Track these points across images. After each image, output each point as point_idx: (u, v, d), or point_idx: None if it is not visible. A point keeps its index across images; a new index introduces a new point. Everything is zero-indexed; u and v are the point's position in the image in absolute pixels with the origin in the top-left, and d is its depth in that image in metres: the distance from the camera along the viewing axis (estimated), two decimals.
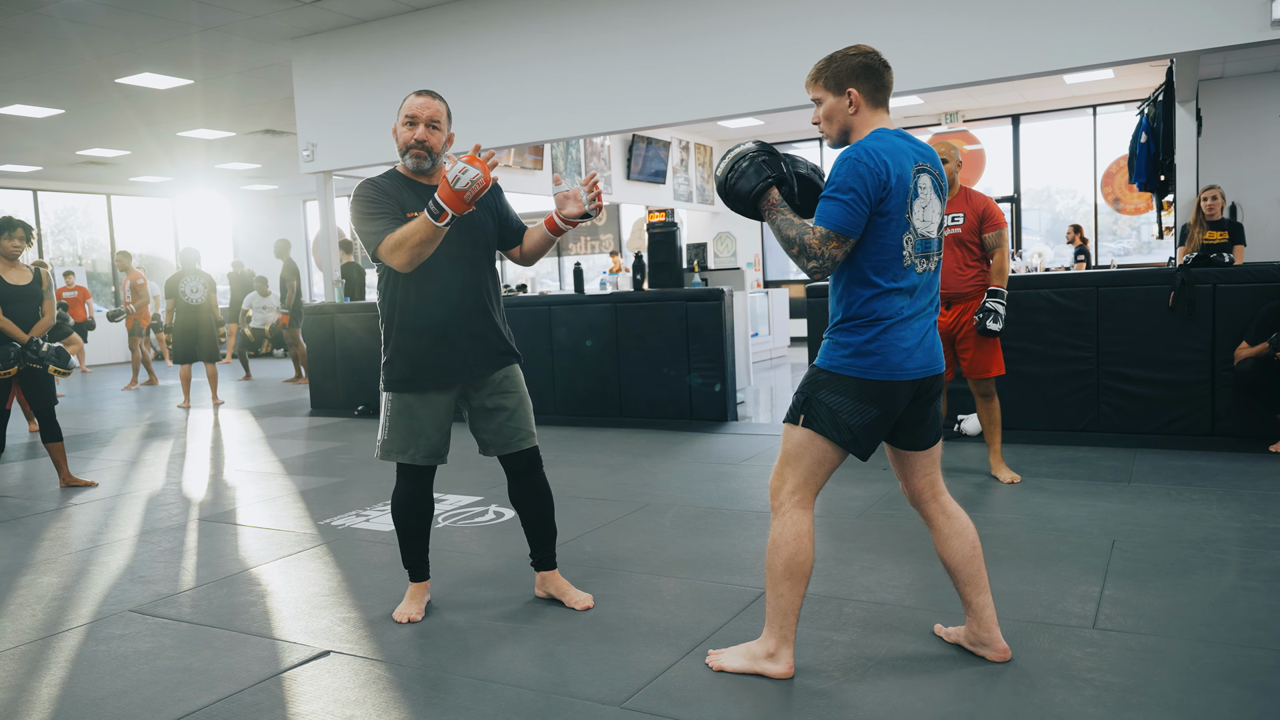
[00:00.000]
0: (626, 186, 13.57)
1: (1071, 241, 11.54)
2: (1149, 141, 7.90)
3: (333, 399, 8.22)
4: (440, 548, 3.78)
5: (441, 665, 2.58)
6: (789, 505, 2.36)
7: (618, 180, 13.38)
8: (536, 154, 11.99)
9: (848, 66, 2.38)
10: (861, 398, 2.29)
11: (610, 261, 13.99)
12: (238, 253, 18.20)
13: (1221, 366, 5.06)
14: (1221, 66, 10.48)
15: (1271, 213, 9.85)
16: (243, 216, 18.15)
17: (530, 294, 8.22)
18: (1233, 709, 2.13)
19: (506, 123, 7.58)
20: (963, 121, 12.99)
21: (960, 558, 2.44)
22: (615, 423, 6.83)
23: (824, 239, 2.26)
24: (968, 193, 4.42)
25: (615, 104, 7.08)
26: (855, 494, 4.38)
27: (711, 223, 15.35)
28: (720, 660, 2.47)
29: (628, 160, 13.34)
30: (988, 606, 2.44)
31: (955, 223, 4.39)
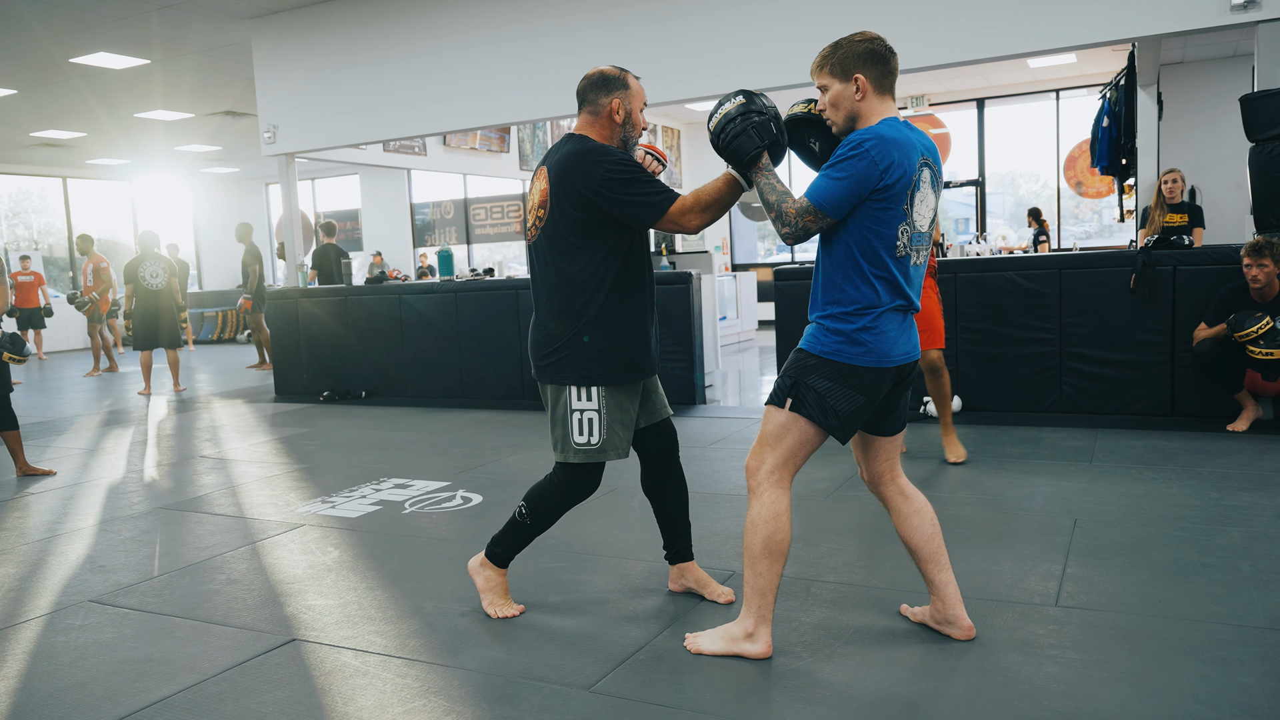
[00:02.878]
0: None
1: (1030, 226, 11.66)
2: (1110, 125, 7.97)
3: (298, 385, 8.13)
4: (407, 534, 3.76)
5: (409, 651, 2.57)
6: (767, 485, 2.37)
7: None
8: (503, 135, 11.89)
9: (854, 52, 2.39)
10: (850, 384, 2.30)
11: None
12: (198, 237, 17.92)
13: (1181, 347, 5.14)
14: (1182, 51, 10.61)
15: (1230, 196, 10.00)
16: (203, 200, 17.85)
17: (498, 278, 8.15)
18: (1192, 683, 2.17)
19: (472, 104, 7.50)
20: (928, 105, 13.05)
21: (920, 536, 2.46)
22: None
23: (801, 211, 2.27)
24: None
25: None
26: (822, 475, 4.40)
27: None
28: (698, 643, 2.47)
29: None
30: (950, 584, 2.47)
31: None
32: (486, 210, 15.35)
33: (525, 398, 7.10)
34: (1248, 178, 5.03)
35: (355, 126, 8.07)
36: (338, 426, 6.58)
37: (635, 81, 2.85)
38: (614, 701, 2.22)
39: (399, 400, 7.59)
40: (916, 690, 2.21)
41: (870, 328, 2.28)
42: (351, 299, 7.91)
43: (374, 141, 8.57)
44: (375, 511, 4.12)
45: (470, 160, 11.85)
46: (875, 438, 2.49)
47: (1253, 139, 5.00)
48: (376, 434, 6.20)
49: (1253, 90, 5.09)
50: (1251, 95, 5.01)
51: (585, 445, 2.65)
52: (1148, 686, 2.17)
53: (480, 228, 15.41)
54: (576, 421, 2.65)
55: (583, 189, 2.57)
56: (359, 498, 4.38)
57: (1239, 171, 5.14)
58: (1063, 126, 12.77)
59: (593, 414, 2.64)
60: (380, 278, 8.63)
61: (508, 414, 6.76)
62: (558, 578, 3.13)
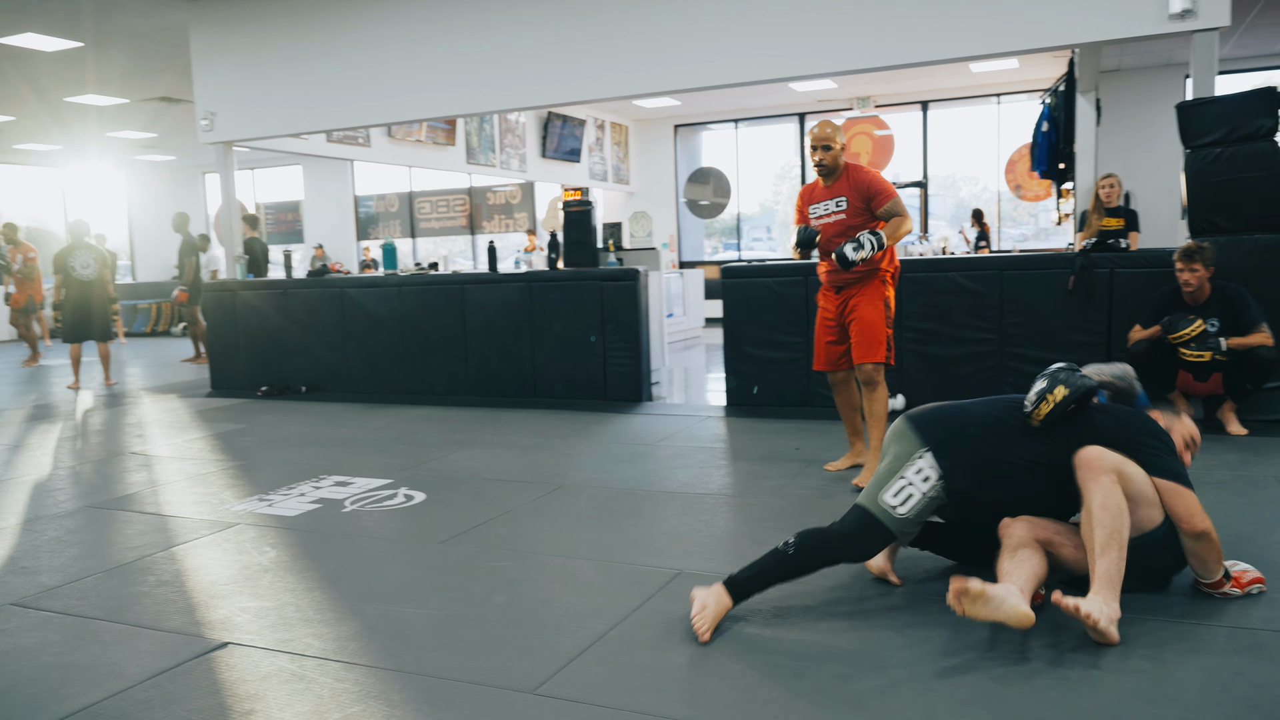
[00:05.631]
0: (541, 165, 13.42)
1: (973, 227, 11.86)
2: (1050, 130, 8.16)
3: (235, 379, 7.93)
4: (348, 533, 3.67)
5: (348, 654, 2.50)
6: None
7: (532, 158, 13.22)
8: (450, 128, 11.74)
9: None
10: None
11: (526, 240, 13.83)
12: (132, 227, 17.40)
13: (1117, 348, 5.25)
14: (1119, 59, 10.88)
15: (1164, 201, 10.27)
16: (138, 189, 17.33)
17: (442, 272, 8.04)
18: (1134, 679, 2.20)
19: (418, 97, 7.38)
20: (874, 106, 13.20)
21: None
22: (529, 403, 6.75)
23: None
24: (851, 171, 4.18)
25: (529, 80, 6.95)
26: (768, 473, 4.41)
27: (627, 202, 15.30)
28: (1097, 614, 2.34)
29: (543, 138, 13.18)
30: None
31: (839, 208, 4.17)
32: (432, 204, 15.15)
33: (470, 394, 7.02)
34: (1182, 183, 5.16)
35: (297, 115, 7.89)
36: (276, 422, 6.43)
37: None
38: (559, 704, 2.18)
39: (340, 395, 7.44)
40: (862, 688, 2.21)
41: None
42: (292, 292, 7.74)
43: (316, 131, 8.39)
44: (314, 510, 4.02)
45: (416, 152, 11.68)
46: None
47: (1188, 145, 5.13)
48: (316, 430, 6.07)
49: (1187, 98, 5.21)
50: (1187, 102, 5.14)
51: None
52: (1080, 674, 2.20)
53: (425, 221, 15.21)
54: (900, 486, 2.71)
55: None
56: (297, 496, 4.28)
57: (1173, 177, 5.27)
58: (1004, 130, 13.01)
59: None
60: (322, 270, 8.46)
61: (452, 410, 6.67)
62: (503, 577, 3.08)
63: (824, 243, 4.28)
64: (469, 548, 3.42)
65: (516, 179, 13.62)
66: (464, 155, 12.13)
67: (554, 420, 6.10)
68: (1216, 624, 2.50)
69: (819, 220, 4.27)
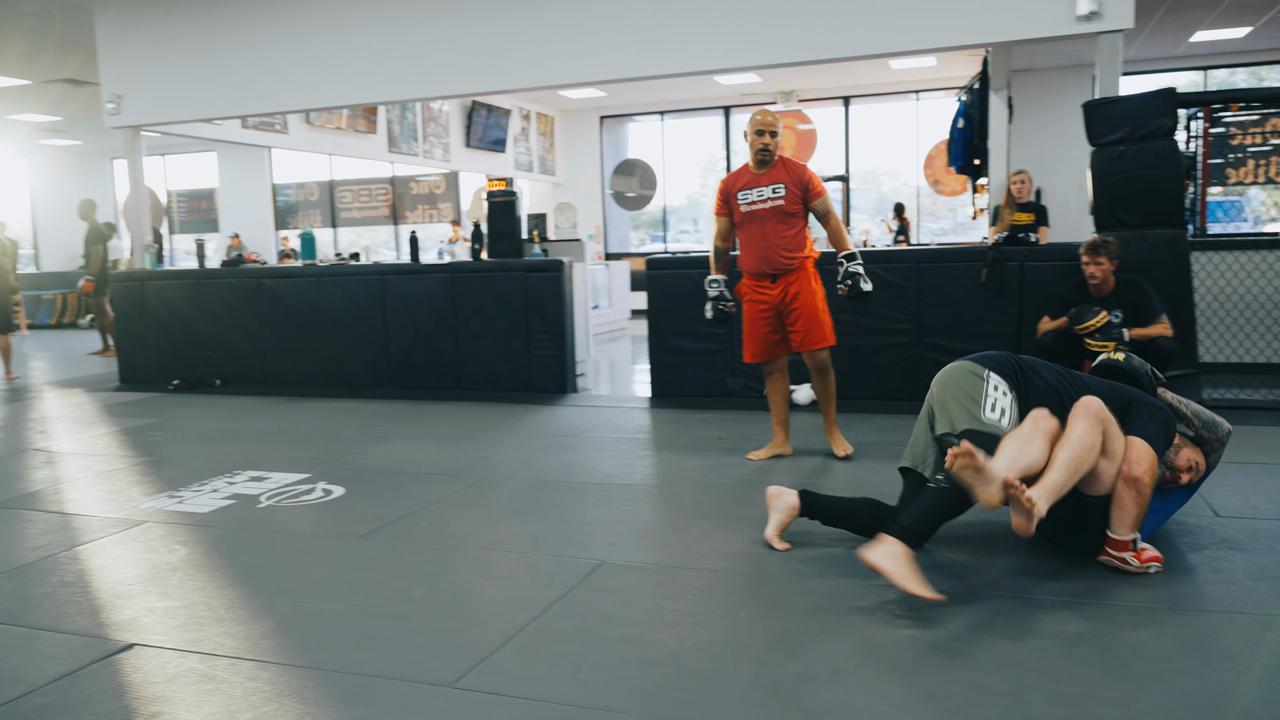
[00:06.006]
0: (466, 154, 13.25)
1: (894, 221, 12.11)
2: (966, 127, 8.36)
3: (144, 372, 7.66)
4: (263, 529, 3.59)
5: (261, 653, 2.44)
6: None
7: (456, 148, 13.04)
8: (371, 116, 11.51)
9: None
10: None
11: (450, 230, 13.66)
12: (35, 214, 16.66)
13: (1027, 339, 5.42)
14: (1031, 59, 11.21)
15: (1072, 197, 10.62)
16: (41, 174, 16.58)
17: (363, 263, 7.89)
18: (1035, 656, 2.28)
19: (337, 83, 7.21)
20: (797, 101, 13.36)
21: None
22: (453, 395, 6.67)
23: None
24: (785, 162, 4.36)
25: (452, 68, 6.85)
26: (691, 464, 4.44)
27: (553, 193, 15.22)
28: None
29: (467, 127, 13.01)
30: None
31: (776, 194, 4.28)
32: (354, 193, 14.85)
33: (392, 386, 6.91)
34: (1088, 180, 5.35)
35: (210, 100, 7.63)
36: (189, 417, 6.23)
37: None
38: (479, 697, 2.17)
39: (257, 389, 7.25)
40: (781, 674, 2.25)
41: None
42: (205, 282, 7.51)
43: (230, 117, 8.14)
44: (228, 506, 3.91)
45: (336, 140, 11.42)
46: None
47: (1093, 143, 5.31)
48: (231, 424, 5.90)
49: (1094, 97, 5.40)
50: (1093, 102, 5.32)
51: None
52: (1015, 657, 2.26)
53: (347, 211, 14.89)
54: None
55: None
56: (210, 492, 4.16)
57: (1082, 174, 5.46)
58: (922, 126, 13.30)
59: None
60: (237, 260, 8.22)
61: (373, 403, 6.56)
62: (423, 571, 3.04)
63: (758, 231, 4.31)
64: (389, 542, 3.37)
65: (440, 169, 13.43)
66: (386, 144, 11.91)
67: (478, 412, 6.05)
68: (1116, 602, 2.61)
69: (751, 206, 4.32)
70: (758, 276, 4.40)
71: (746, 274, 4.45)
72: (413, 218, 14.76)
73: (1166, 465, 3.00)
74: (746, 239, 4.38)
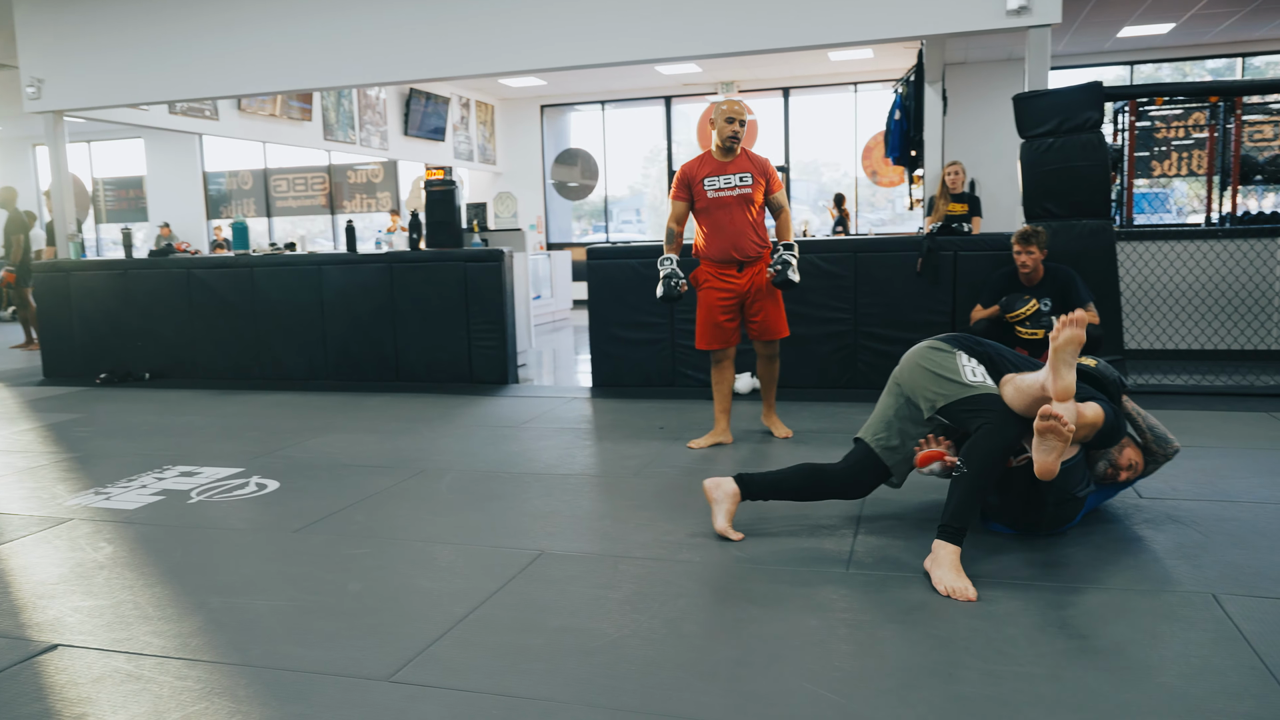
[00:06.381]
0: (404, 143, 13.07)
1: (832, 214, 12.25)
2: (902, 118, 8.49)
3: (70, 366, 7.43)
4: (193, 525, 3.50)
5: (190, 651, 2.38)
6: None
7: (394, 136, 12.86)
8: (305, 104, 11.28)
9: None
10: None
11: (389, 220, 13.46)
12: None
13: (960, 326, 5.53)
14: (965, 53, 11.41)
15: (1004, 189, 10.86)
16: None
17: (298, 253, 7.73)
18: (967, 635, 2.33)
19: (270, 68, 7.04)
20: (738, 91, 13.43)
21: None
22: (391, 387, 6.59)
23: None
24: (748, 153, 4.45)
25: (389, 54, 6.74)
26: (632, 453, 4.45)
27: (494, 182, 15.09)
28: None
29: (405, 115, 12.84)
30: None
31: (744, 183, 4.36)
32: (289, 182, 14.53)
33: (329, 378, 6.79)
34: (1019, 171, 5.46)
35: (135, 84, 7.40)
36: (116, 411, 6.06)
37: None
38: (415, 690, 2.15)
39: (188, 382, 7.08)
40: (719, 660, 2.26)
41: None
42: (133, 273, 7.29)
43: (157, 102, 7.90)
44: (157, 502, 3.81)
45: (269, 128, 11.17)
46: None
47: (1023, 135, 5.43)
48: (161, 418, 5.75)
49: (1024, 90, 5.52)
50: (1023, 95, 5.44)
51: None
52: (935, 640, 2.31)
53: (282, 200, 14.57)
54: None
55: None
56: (138, 488, 4.04)
57: (1014, 165, 5.58)
58: (861, 118, 13.47)
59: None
60: (166, 250, 8.00)
61: (309, 396, 6.44)
62: (359, 565, 3.00)
63: (727, 218, 4.37)
64: (324, 536, 3.32)
65: (378, 157, 13.22)
66: (321, 132, 11.69)
67: (417, 404, 5.98)
68: (1044, 582, 2.68)
69: (718, 193, 4.37)
70: (724, 264, 4.41)
71: (709, 261, 4.45)
72: (350, 207, 14.51)
73: (1110, 462, 3.08)
74: (713, 226, 4.40)
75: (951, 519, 2.70)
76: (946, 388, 2.91)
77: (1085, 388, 3.04)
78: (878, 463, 3.05)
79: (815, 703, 2.03)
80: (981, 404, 2.81)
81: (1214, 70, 12.35)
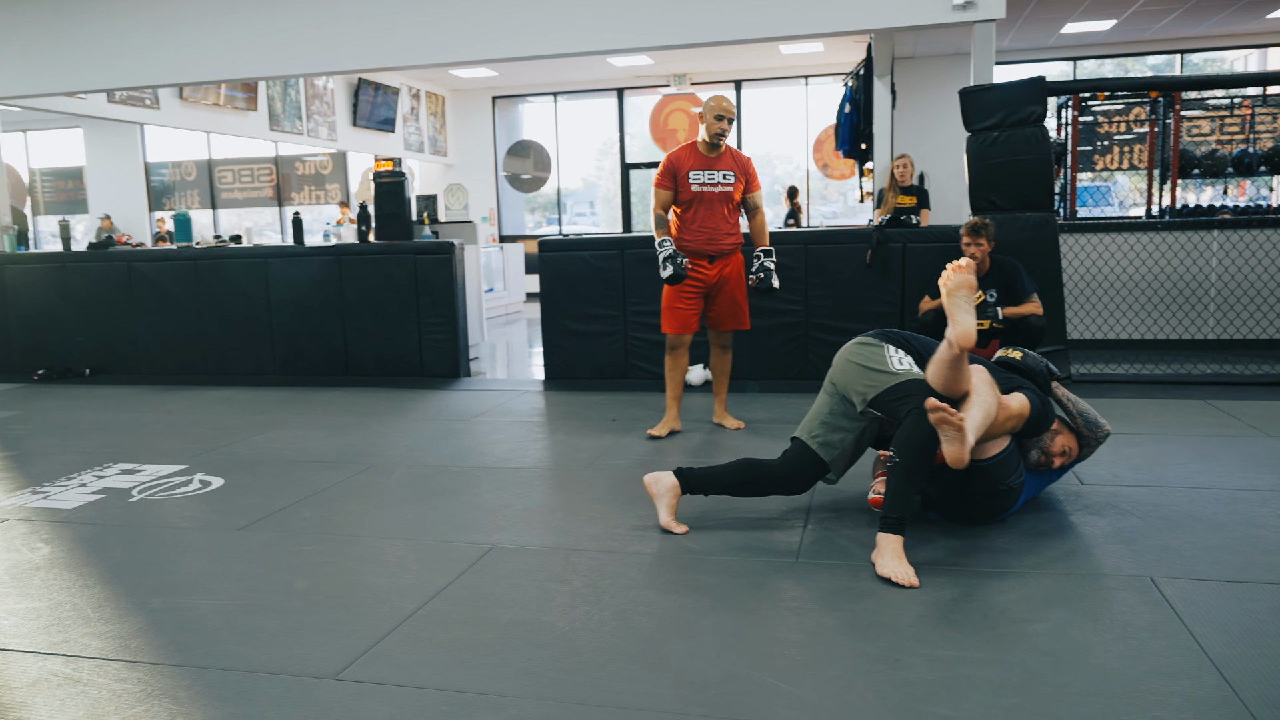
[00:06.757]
0: (353, 134, 12.88)
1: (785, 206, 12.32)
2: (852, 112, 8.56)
3: (6, 362, 7.22)
4: (135, 524, 3.42)
5: (130, 652, 2.33)
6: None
7: (343, 127, 12.67)
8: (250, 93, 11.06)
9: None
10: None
11: (338, 212, 13.26)
12: None
13: (909, 317, 5.60)
14: (913, 47, 11.53)
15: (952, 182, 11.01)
16: None
17: (244, 245, 7.59)
18: (912, 622, 2.37)
19: (212, 56, 6.89)
20: (690, 84, 13.44)
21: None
22: (340, 382, 6.50)
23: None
24: (732, 151, 4.54)
25: (336, 43, 6.63)
26: (584, 446, 4.44)
27: (445, 174, 14.94)
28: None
29: (354, 106, 12.65)
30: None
31: (727, 181, 4.46)
32: (234, 173, 14.25)
33: (277, 373, 6.68)
34: (965, 164, 5.54)
35: (72, 72, 7.19)
36: (55, 408, 5.90)
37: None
38: (362, 687, 2.12)
39: (129, 378, 6.91)
40: (669, 651, 2.27)
41: None
42: (71, 266, 7.10)
43: (95, 90, 7.70)
44: (97, 500, 3.72)
45: (213, 117, 10.94)
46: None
47: (970, 129, 5.50)
48: (101, 415, 5.62)
49: (970, 85, 5.59)
50: (969, 89, 5.51)
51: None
52: (878, 626, 2.34)
53: (228, 191, 14.29)
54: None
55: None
56: (78, 486, 3.94)
57: (960, 158, 5.65)
58: (812, 111, 13.56)
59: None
60: (107, 242, 7.81)
61: (256, 391, 6.33)
62: (307, 562, 2.95)
63: (706, 213, 4.46)
64: (271, 533, 3.27)
65: (326, 148, 13.01)
66: (267, 122, 11.48)
67: (367, 398, 5.91)
68: (987, 568, 2.72)
69: (701, 187, 4.45)
70: (697, 256, 4.50)
71: (684, 252, 4.50)
72: (299, 199, 14.27)
73: (1042, 450, 3.15)
74: (692, 218, 4.49)
75: (890, 509, 2.75)
76: (875, 379, 2.96)
77: (1012, 378, 3.11)
78: (815, 460, 3.08)
79: (765, 691, 2.05)
80: (907, 390, 2.86)
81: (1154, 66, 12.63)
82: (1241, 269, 6.44)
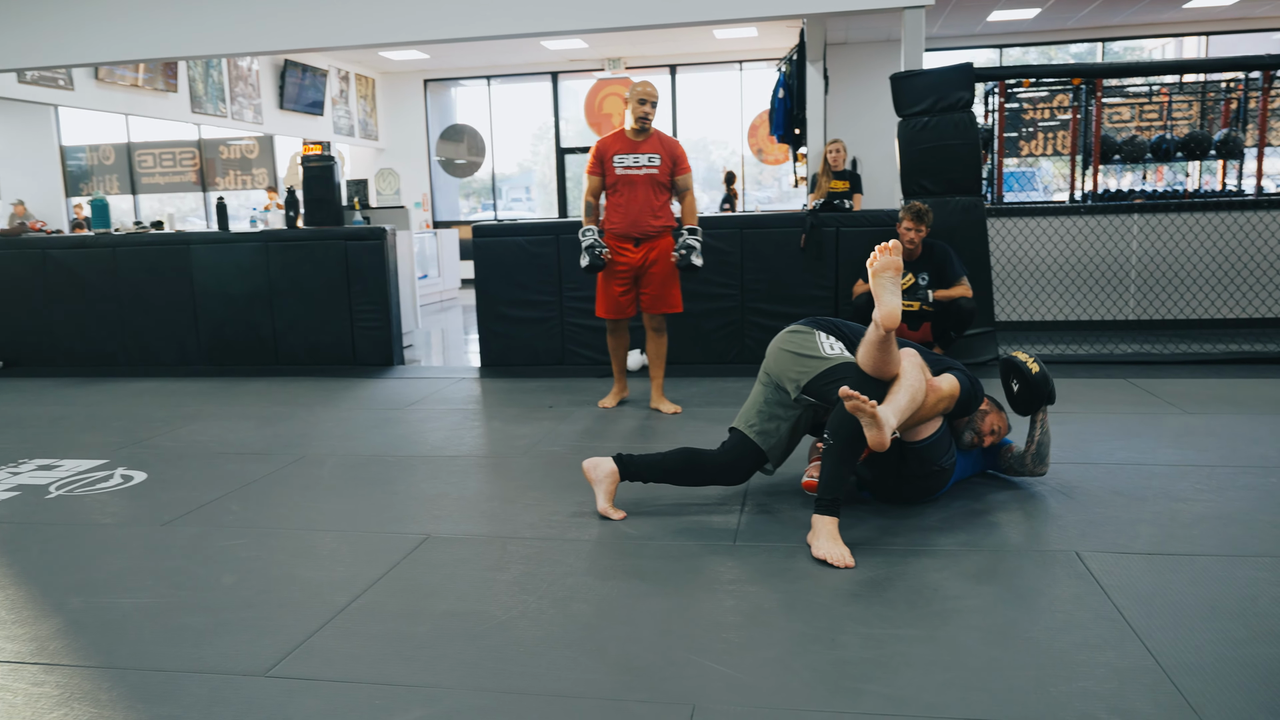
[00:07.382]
0: (280, 117, 12.56)
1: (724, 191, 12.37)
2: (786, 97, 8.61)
3: None
4: (52, 521, 3.29)
5: (48, 655, 2.24)
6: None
7: (269, 110, 12.34)
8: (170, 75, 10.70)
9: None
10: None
11: (266, 197, 12.92)
12: None
13: (843, 301, 5.67)
14: (846, 33, 11.64)
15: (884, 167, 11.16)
16: None
17: (166, 231, 7.34)
18: (847, 602, 2.40)
19: (131, 35, 6.62)
20: (624, 68, 13.38)
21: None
22: (270, 371, 6.34)
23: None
24: (660, 135, 4.58)
25: (258, 22, 6.43)
26: (521, 432, 4.40)
27: (377, 159, 14.66)
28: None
29: (280, 88, 12.32)
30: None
31: (652, 163, 4.52)
32: (155, 157, 13.76)
33: (202, 364, 6.49)
34: (896, 149, 5.61)
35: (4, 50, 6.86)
36: (15, 398, 5.66)
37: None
38: (293, 684, 2.07)
39: (45, 370, 6.66)
40: (607, 637, 2.26)
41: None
42: None
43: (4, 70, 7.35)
44: (11, 498, 3.57)
45: (131, 99, 10.56)
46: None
47: (900, 114, 5.57)
48: (16, 409, 5.40)
49: (901, 70, 5.66)
50: (900, 74, 5.58)
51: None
52: (818, 610, 2.36)
53: (149, 176, 13.80)
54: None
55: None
56: None
57: (891, 143, 5.72)
58: (746, 96, 13.61)
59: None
60: (20, 229, 7.49)
61: (180, 382, 6.15)
62: (234, 557, 2.87)
63: (630, 195, 4.51)
64: (197, 528, 3.17)
65: (252, 131, 12.65)
66: (189, 104, 11.12)
67: (297, 388, 5.77)
68: (921, 547, 2.77)
69: (626, 170, 4.51)
70: (622, 239, 4.56)
71: (610, 234, 4.59)
72: (224, 184, 13.86)
73: (974, 430, 3.21)
74: (618, 201, 4.56)
75: (824, 491, 2.77)
76: (808, 365, 3.00)
77: (942, 359, 3.16)
78: (753, 449, 3.10)
79: (704, 674, 2.05)
80: (838, 373, 2.90)
81: (1077, 54, 12.96)
82: (1160, 252, 6.65)
